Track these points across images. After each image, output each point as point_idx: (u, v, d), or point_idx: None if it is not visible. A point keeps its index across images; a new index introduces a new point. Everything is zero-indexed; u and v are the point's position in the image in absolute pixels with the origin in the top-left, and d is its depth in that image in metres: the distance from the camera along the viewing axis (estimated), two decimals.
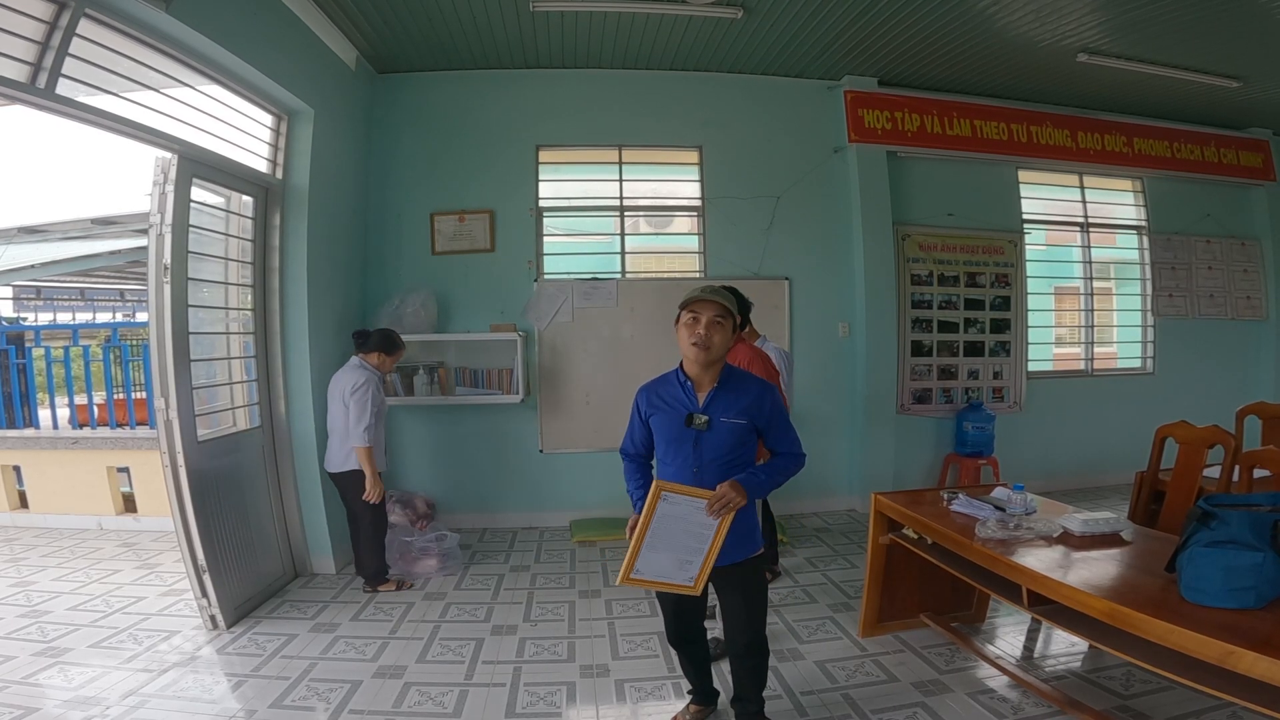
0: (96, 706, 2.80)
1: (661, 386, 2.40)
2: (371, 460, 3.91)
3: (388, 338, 4.14)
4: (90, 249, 8.66)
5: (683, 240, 5.78)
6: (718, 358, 2.28)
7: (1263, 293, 6.90)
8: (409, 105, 5.37)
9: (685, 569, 2.21)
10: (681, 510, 2.16)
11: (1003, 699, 2.80)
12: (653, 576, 2.21)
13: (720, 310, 2.25)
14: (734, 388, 2.32)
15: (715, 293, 2.26)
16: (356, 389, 3.93)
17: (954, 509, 3.02)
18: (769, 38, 4.96)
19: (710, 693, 2.73)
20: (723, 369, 2.34)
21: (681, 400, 2.32)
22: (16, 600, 3.98)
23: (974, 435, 5.68)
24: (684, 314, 2.30)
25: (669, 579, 2.22)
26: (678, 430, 2.29)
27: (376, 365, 4.09)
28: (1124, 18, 4.62)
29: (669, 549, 2.19)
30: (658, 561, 2.19)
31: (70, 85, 2.76)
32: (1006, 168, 6.18)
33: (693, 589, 2.23)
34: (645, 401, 2.40)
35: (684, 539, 2.18)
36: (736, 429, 2.27)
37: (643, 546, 2.16)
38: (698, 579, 2.22)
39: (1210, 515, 2.03)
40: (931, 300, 5.95)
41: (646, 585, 2.23)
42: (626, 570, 2.18)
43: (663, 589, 2.26)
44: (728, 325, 2.26)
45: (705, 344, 2.23)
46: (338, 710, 2.81)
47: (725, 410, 2.28)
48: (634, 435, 2.45)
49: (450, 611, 3.81)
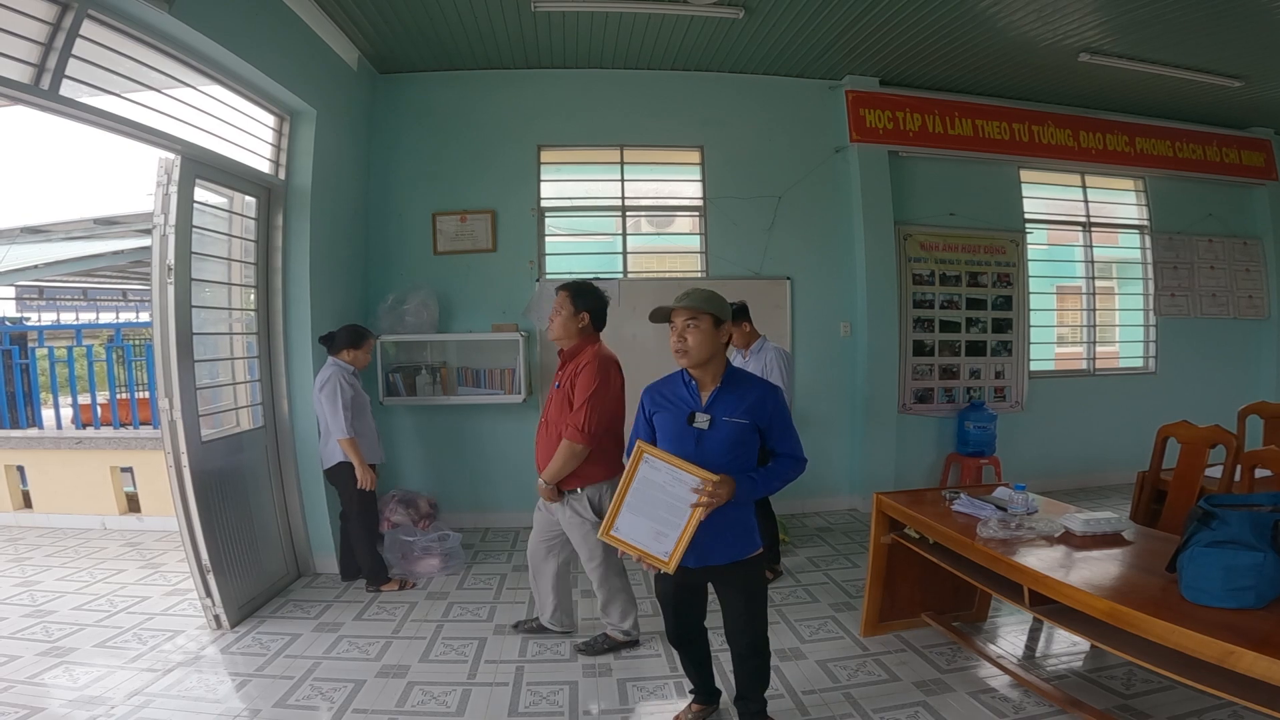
0: (101, 706, 2.81)
1: (666, 386, 2.46)
2: (356, 449, 3.93)
3: (351, 332, 4.14)
4: (93, 249, 8.67)
5: (684, 240, 5.79)
6: (702, 359, 2.33)
7: (1265, 292, 6.89)
8: (410, 105, 5.38)
9: (661, 541, 2.25)
10: (662, 478, 2.24)
11: (1004, 698, 2.81)
12: (630, 539, 2.28)
13: (689, 314, 2.31)
14: (737, 387, 2.36)
15: (683, 298, 2.35)
16: (323, 386, 3.98)
17: (955, 509, 3.02)
18: (770, 37, 4.96)
19: (712, 691, 2.73)
20: (726, 369, 2.39)
21: (685, 399, 2.37)
22: (21, 600, 4.00)
23: (975, 435, 5.68)
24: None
25: (646, 547, 2.27)
26: (680, 428, 2.34)
27: (350, 362, 4.10)
28: (1125, 18, 4.61)
29: (647, 516, 2.26)
30: (637, 525, 2.28)
31: (73, 86, 2.76)
32: (1008, 167, 6.18)
33: (666, 565, 2.25)
34: (650, 400, 2.46)
35: (662, 510, 2.24)
36: (738, 428, 2.30)
37: (623, 506, 2.28)
38: (672, 555, 2.24)
39: (1211, 515, 2.04)
40: (933, 300, 5.95)
41: (624, 546, 2.30)
42: (606, 526, 2.31)
43: (638, 554, 2.29)
44: (703, 324, 2.30)
45: (683, 349, 2.31)
46: (341, 710, 2.82)
47: (728, 409, 2.31)
48: (639, 434, 2.48)
49: (453, 611, 3.82)
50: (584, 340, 3.13)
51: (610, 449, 3.10)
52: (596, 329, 3.18)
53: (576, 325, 3.11)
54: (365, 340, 4.18)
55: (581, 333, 3.12)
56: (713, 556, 2.32)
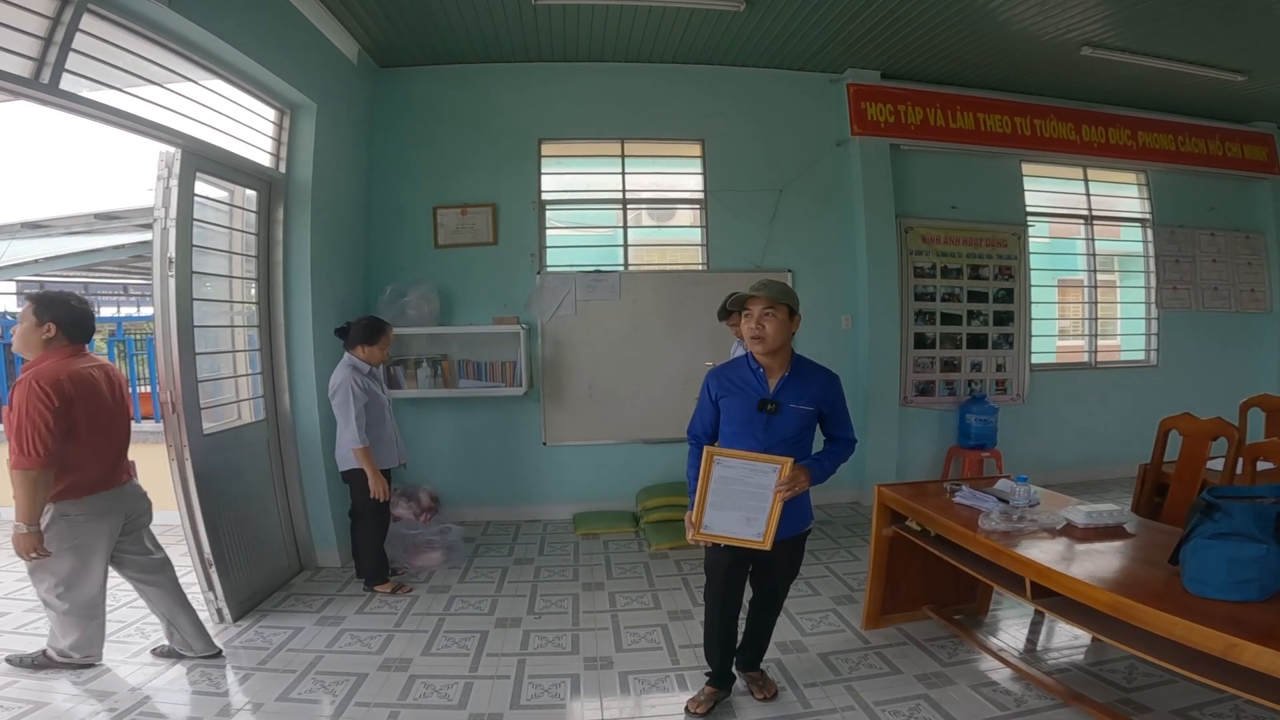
0: (105, 700, 2.83)
1: (732, 371, 2.57)
2: (369, 460, 3.79)
3: (365, 328, 3.95)
4: (93, 244, 8.64)
5: (685, 233, 5.78)
6: (775, 346, 2.45)
7: (1267, 285, 6.89)
8: (411, 99, 5.37)
9: (753, 525, 2.41)
10: (738, 473, 2.38)
11: (1005, 691, 2.81)
12: (722, 531, 2.44)
13: (768, 303, 2.42)
14: (804, 376, 2.52)
15: (761, 288, 2.44)
16: (335, 393, 3.84)
17: (957, 501, 3.03)
18: (771, 31, 4.94)
19: (728, 676, 2.77)
20: (793, 357, 2.52)
21: (753, 385, 2.50)
22: (24, 595, 4.00)
23: (977, 428, 5.68)
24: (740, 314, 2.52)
25: (737, 534, 2.43)
26: (749, 412, 2.48)
27: (365, 358, 3.94)
28: (1128, 11, 4.60)
29: (733, 508, 2.41)
30: (725, 519, 2.42)
31: (74, 80, 2.76)
32: (1010, 161, 6.16)
33: (762, 544, 2.41)
34: (716, 385, 2.57)
35: (745, 499, 2.39)
36: (804, 415, 2.47)
37: (707, 505, 2.41)
38: (766, 534, 2.41)
39: (1214, 507, 2.03)
40: (934, 293, 5.95)
41: (718, 540, 2.46)
42: (696, 526, 2.44)
43: (733, 543, 2.45)
44: (780, 314, 2.42)
45: (761, 335, 2.43)
46: (344, 703, 2.83)
47: (796, 397, 2.47)
48: (703, 416, 2.61)
49: (454, 604, 3.83)
50: (49, 354, 2.82)
51: (85, 459, 2.85)
52: (72, 340, 2.89)
53: (39, 337, 2.81)
54: (380, 335, 3.97)
55: (47, 345, 2.83)
56: (779, 532, 2.44)
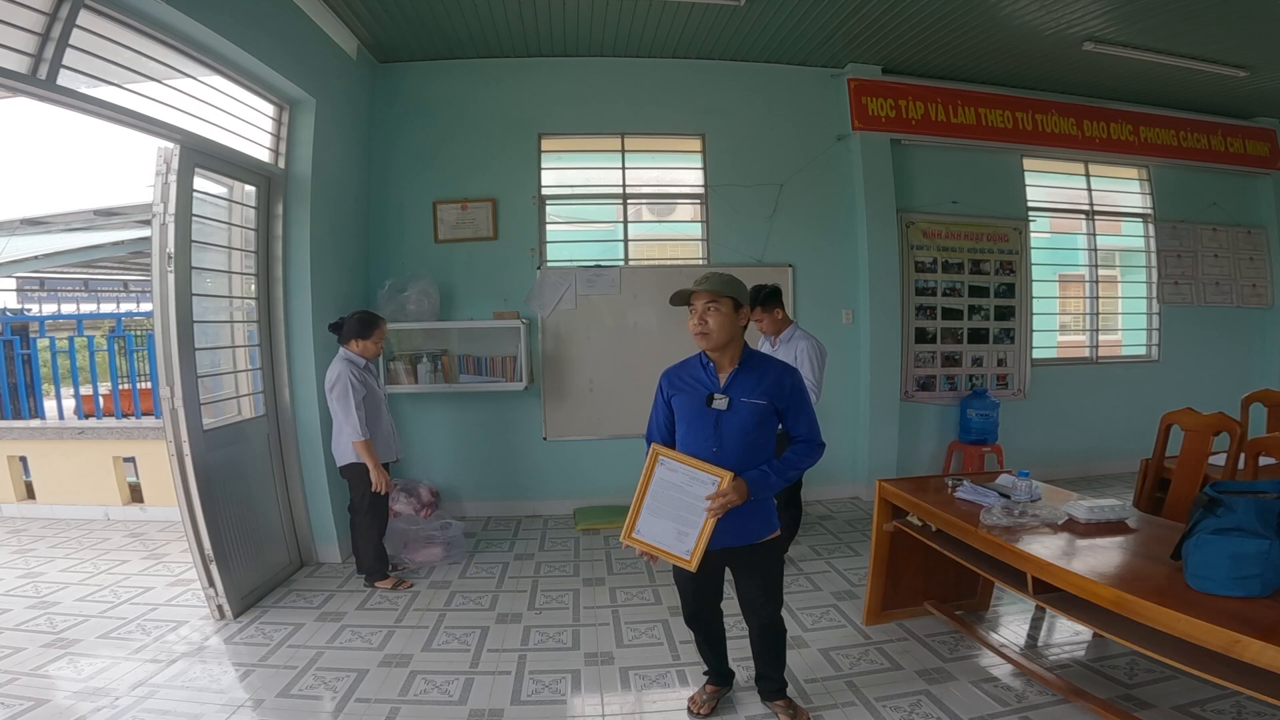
0: (106, 697, 2.82)
1: (684, 369, 2.48)
2: (371, 452, 3.80)
3: (359, 322, 3.93)
4: (93, 240, 8.65)
5: (686, 228, 5.77)
6: (722, 342, 2.34)
7: (1268, 280, 6.87)
8: (410, 94, 5.35)
9: (683, 540, 2.29)
10: (679, 479, 2.29)
11: (1007, 687, 2.81)
12: (652, 540, 2.32)
13: (710, 297, 2.33)
14: (755, 369, 2.40)
15: (703, 281, 2.36)
16: (332, 387, 3.82)
17: (959, 496, 3.02)
18: (772, 25, 4.92)
19: (726, 673, 2.75)
20: (743, 351, 2.41)
21: (703, 381, 2.40)
22: (25, 591, 4.01)
23: (978, 422, 5.68)
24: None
25: (668, 548, 2.31)
26: (698, 410, 2.37)
27: (360, 353, 3.92)
28: (1130, 6, 4.57)
29: (668, 516, 2.30)
30: (658, 526, 2.31)
31: (71, 76, 2.74)
32: (1011, 155, 6.14)
33: (688, 563, 2.28)
34: (668, 383, 2.49)
35: (681, 509, 2.28)
36: (757, 409, 2.33)
37: (643, 509, 2.31)
38: (693, 554, 2.27)
39: (1216, 502, 2.02)
40: (935, 287, 5.93)
41: (646, 548, 2.33)
42: (628, 529, 2.33)
43: (662, 556, 2.33)
44: (724, 307, 2.33)
45: (704, 331, 2.33)
46: (344, 699, 2.83)
47: (746, 391, 2.35)
48: (658, 417, 2.51)
49: (455, 600, 3.83)
50: None
51: None
52: None
53: None
54: (374, 329, 3.95)
55: None
56: (730, 539, 2.35)
